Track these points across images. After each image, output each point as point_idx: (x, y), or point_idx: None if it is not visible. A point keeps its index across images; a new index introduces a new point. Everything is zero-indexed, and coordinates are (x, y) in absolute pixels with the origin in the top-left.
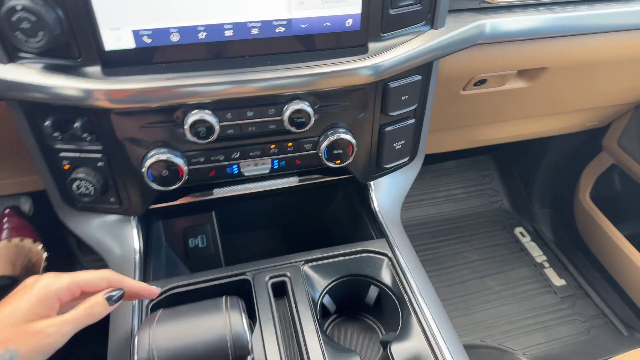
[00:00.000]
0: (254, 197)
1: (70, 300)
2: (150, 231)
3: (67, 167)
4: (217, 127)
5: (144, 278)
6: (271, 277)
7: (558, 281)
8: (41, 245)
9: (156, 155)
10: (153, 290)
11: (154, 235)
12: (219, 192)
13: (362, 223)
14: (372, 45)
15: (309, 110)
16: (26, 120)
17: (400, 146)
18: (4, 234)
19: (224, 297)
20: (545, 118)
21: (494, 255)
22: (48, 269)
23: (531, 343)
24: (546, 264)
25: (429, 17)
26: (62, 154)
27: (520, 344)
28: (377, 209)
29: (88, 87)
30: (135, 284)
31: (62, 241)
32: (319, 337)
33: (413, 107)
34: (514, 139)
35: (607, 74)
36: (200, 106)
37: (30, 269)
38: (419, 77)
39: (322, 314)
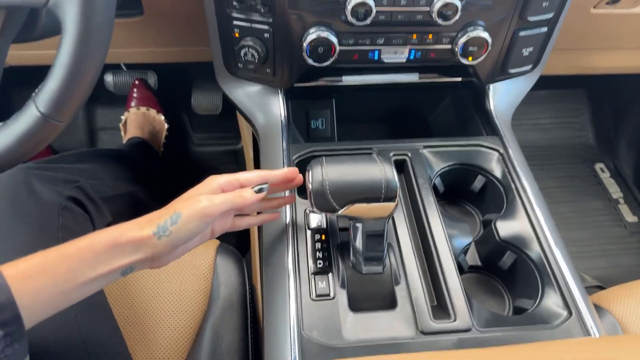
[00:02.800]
0: (372, 89)
1: None
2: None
3: (237, 34)
4: (374, 10)
5: (288, 142)
6: (394, 154)
7: (631, 217)
8: (163, 116)
9: (317, 33)
10: (296, 177)
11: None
12: (347, 80)
13: (473, 124)
14: None
15: (458, 3)
16: None
17: (527, 53)
18: (134, 102)
19: (374, 154)
20: None
21: (571, 185)
22: (169, 138)
23: (594, 266)
24: (621, 201)
25: None
26: (235, 22)
27: (583, 265)
28: (492, 109)
29: None
30: (283, 172)
31: (177, 115)
32: (436, 205)
33: (550, 15)
34: (630, 71)
35: None
36: None
37: (155, 135)
38: None
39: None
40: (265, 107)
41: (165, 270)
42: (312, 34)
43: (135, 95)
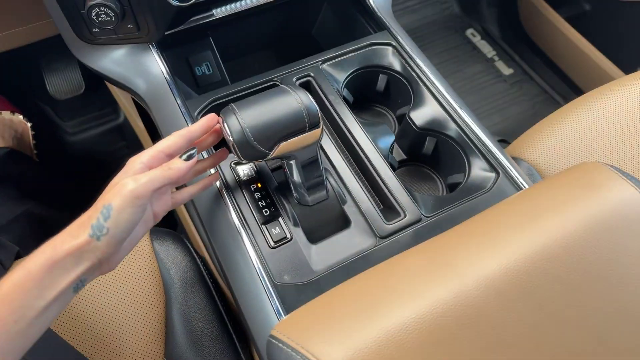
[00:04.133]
0: (247, 15)
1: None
2: None
3: None
4: None
5: (182, 99)
6: (298, 78)
7: (507, 70)
8: (21, 115)
9: None
10: (211, 122)
11: None
12: (219, 12)
13: (359, 25)
14: None
15: None
16: None
17: None
18: None
19: (282, 85)
20: None
21: (450, 58)
22: (38, 137)
23: (490, 123)
24: (496, 58)
25: None
26: None
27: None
28: (373, 4)
29: None
30: (202, 123)
31: (36, 107)
32: (352, 115)
33: None
34: None
35: None
36: None
37: (20, 140)
38: None
39: None
40: (141, 68)
41: (104, 278)
42: None
43: None
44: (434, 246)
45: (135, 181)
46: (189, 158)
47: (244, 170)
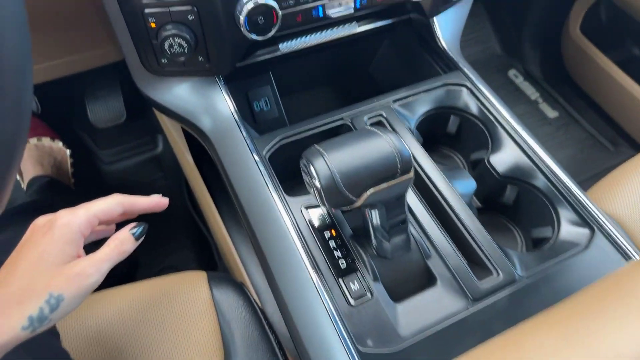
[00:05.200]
0: (307, 52)
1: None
2: None
3: (153, 25)
4: None
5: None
6: (369, 118)
7: (552, 113)
8: (60, 142)
9: (254, 1)
10: (164, 200)
11: None
12: (285, 48)
13: (423, 64)
14: None
15: None
16: None
17: None
18: None
19: (370, 127)
20: None
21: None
22: (76, 165)
23: None
24: (540, 100)
25: None
26: (148, 10)
27: None
28: (444, 44)
29: None
30: (146, 201)
31: (75, 135)
32: (430, 159)
33: None
34: None
35: None
36: None
37: (59, 168)
38: None
39: None
40: (207, 104)
41: (160, 328)
42: (248, 3)
43: None
44: (560, 318)
45: (98, 271)
46: (140, 236)
47: (317, 215)
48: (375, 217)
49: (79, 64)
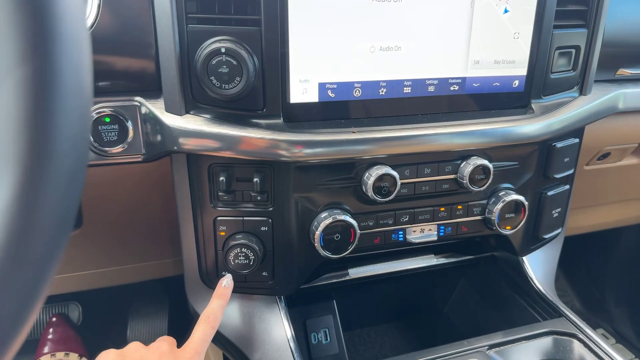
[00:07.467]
0: (377, 281)
1: None
2: None
3: (222, 233)
4: (398, 183)
5: None
6: None
7: None
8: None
9: (333, 216)
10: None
11: None
12: (354, 273)
13: (514, 307)
14: (535, 106)
15: (490, 166)
16: (188, 177)
17: (557, 214)
18: (47, 347)
19: None
20: None
21: None
22: None
23: None
24: None
25: (579, 84)
26: (221, 218)
27: None
28: (539, 286)
29: (275, 137)
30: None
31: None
32: None
33: (571, 172)
34: (612, 225)
35: None
36: (378, 162)
37: None
38: (577, 140)
39: None
40: (262, 327)
41: None
42: (326, 219)
43: (50, 337)
44: None
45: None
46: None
47: None
48: None
49: (129, 274)
